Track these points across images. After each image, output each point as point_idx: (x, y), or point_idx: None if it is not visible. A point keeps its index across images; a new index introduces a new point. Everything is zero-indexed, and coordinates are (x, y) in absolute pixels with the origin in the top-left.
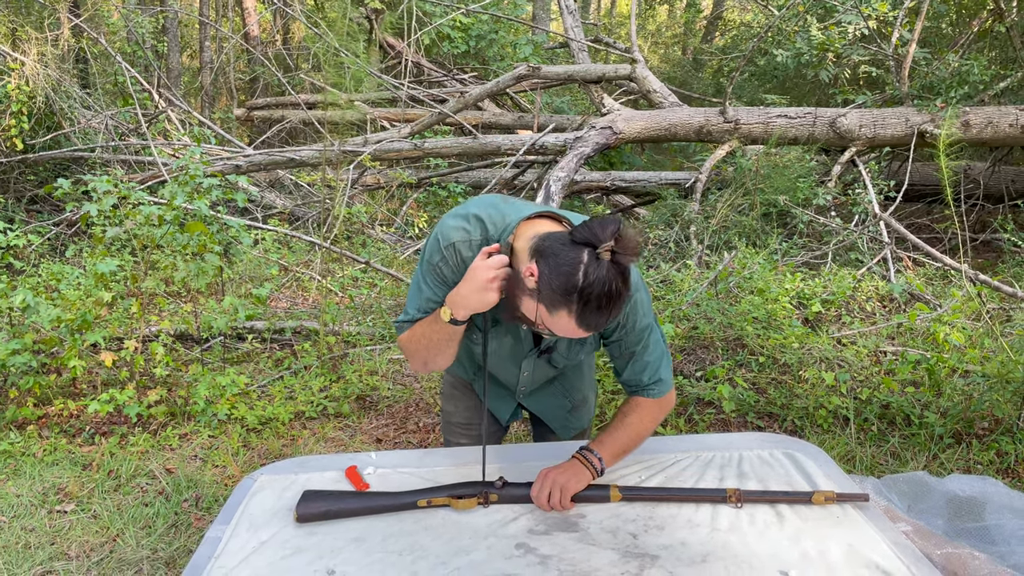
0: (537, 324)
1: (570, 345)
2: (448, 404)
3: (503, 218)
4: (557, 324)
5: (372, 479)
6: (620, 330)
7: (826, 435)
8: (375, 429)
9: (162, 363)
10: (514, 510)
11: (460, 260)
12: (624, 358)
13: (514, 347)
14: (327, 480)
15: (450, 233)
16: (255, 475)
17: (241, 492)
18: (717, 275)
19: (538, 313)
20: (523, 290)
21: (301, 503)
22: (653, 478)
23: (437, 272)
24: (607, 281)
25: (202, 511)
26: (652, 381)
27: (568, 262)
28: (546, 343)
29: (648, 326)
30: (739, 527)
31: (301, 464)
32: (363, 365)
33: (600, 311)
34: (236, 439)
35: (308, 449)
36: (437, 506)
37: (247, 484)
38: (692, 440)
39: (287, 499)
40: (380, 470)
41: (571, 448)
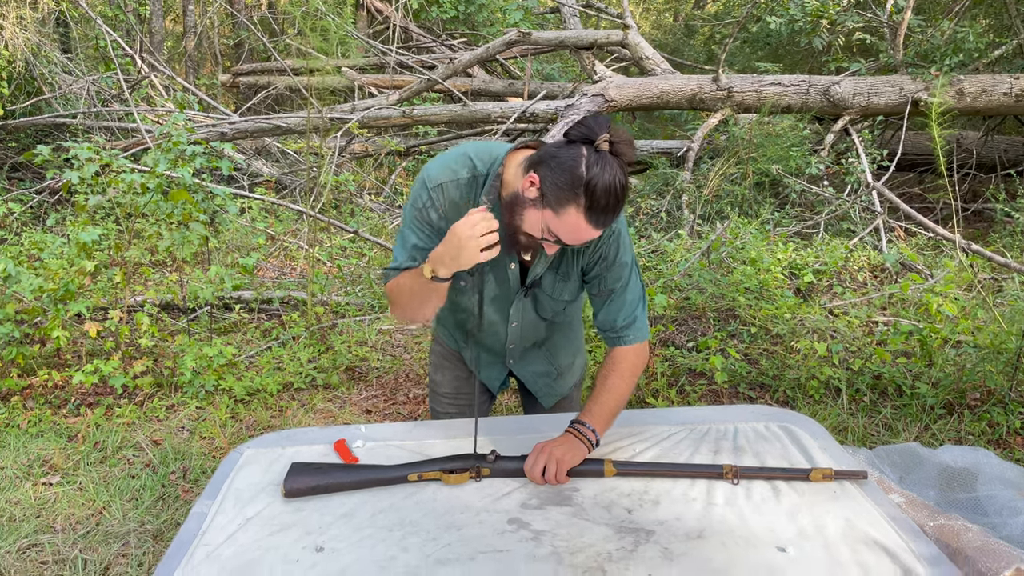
0: (543, 236)
1: (555, 281)
2: (436, 374)
3: (490, 152)
4: (566, 225)
5: (361, 452)
6: (602, 262)
7: (818, 406)
8: (364, 400)
9: (147, 334)
10: (507, 484)
11: (447, 202)
12: (602, 296)
13: (501, 292)
14: (315, 454)
15: (436, 174)
16: (241, 449)
17: (227, 466)
18: (710, 245)
19: (544, 222)
20: (524, 206)
21: (289, 477)
22: (647, 452)
23: (424, 216)
24: (611, 170)
25: (189, 483)
26: (627, 322)
27: (570, 158)
28: (532, 277)
29: (629, 264)
30: (735, 502)
31: (288, 437)
32: (352, 336)
33: (607, 203)
34: (224, 411)
35: (296, 421)
36: (428, 480)
37: (233, 458)
38: (687, 413)
39: (274, 473)
40: (369, 443)
41: (563, 420)
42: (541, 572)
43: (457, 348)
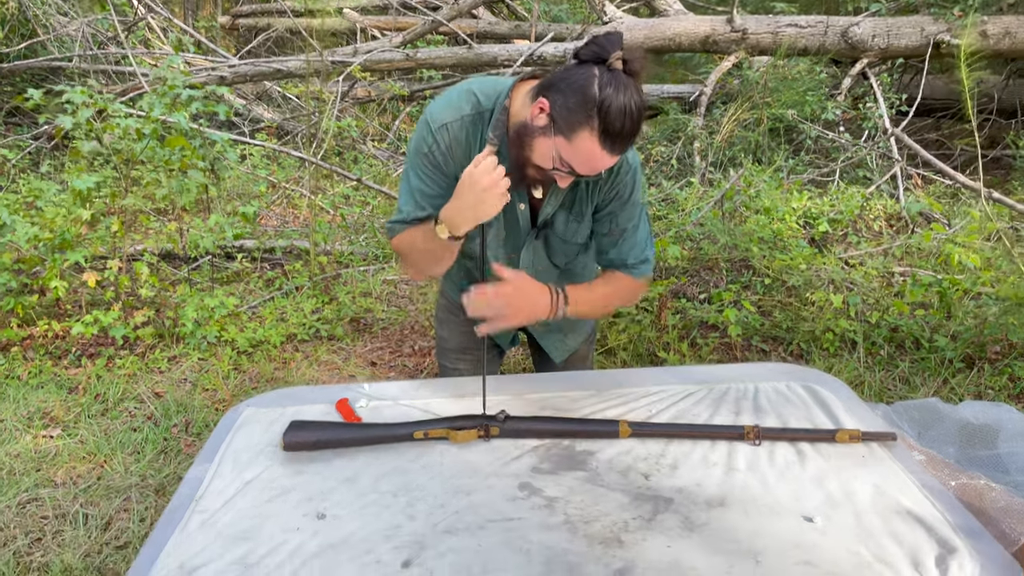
0: (555, 167)
1: (567, 221)
2: (443, 329)
3: (494, 86)
4: (579, 152)
5: (365, 412)
6: (617, 200)
7: (833, 359)
8: (369, 352)
9: (147, 284)
10: (517, 446)
11: (453, 142)
12: (613, 236)
13: (511, 235)
14: (317, 413)
15: (439, 114)
16: (239, 408)
17: (225, 427)
18: (724, 194)
19: (556, 151)
20: (533, 135)
21: (289, 431)
22: (664, 412)
23: (429, 159)
24: (625, 90)
25: (192, 436)
26: (639, 261)
27: (581, 79)
28: (543, 217)
29: (642, 204)
30: (758, 466)
31: (289, 396)
32: (356, 286)
33: (622, 126)
34: (226, 362)
35: (300, 374)
36: (435, 438)
37: (231, 418)
38: (704, 371)
39: (273, 434)
40: (373, 402)
41: (575, 379)
42: (554, 543)
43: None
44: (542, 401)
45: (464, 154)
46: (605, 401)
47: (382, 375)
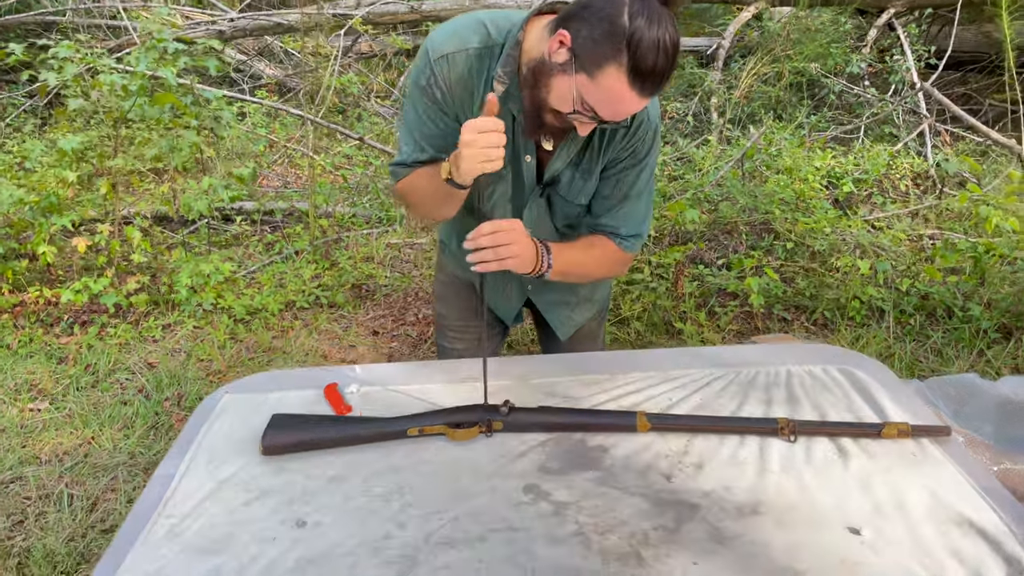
0: (575, 110)
1: (573, 179)
2: (441, 305)
3: (507, 18)
4: (604, 92)
5: (356, 399)
6: (630, 159)
7: (860, 329)
8: (371, 320)
9: (139, 248)
10: (522, 441)
11: (453, 77)
12: (613, 199)
13: (514, 191)
14: (303, 400)
15: (441, 43)
16: (218, 394)
17: (201, 416)
18: (744, 153)
19: (577, 91)
20: (551, 73)
21: (268, 431)
22: (686, 401)
23: (427, 94)
24: (659, 21)
25: (184, 411)
26: (631, 234)
27: (608, 7)
28: (551, 173)
29: (653, 169)
30: (794, 467)
31: (274, 380)
32: (358, 251)
33: (655, 63)
34: (222, 331)
35: (299, 343)
36: (431, 435)
37: (209, 405)
38: (730, 352)
39: (254, 425)
40: (364, 388)
41: (584, 361)
42: (564, 559)
43: (467, 276)
44: (549, 387)
45: (466, 93)
46: (620, 387)
47: (384, 345)
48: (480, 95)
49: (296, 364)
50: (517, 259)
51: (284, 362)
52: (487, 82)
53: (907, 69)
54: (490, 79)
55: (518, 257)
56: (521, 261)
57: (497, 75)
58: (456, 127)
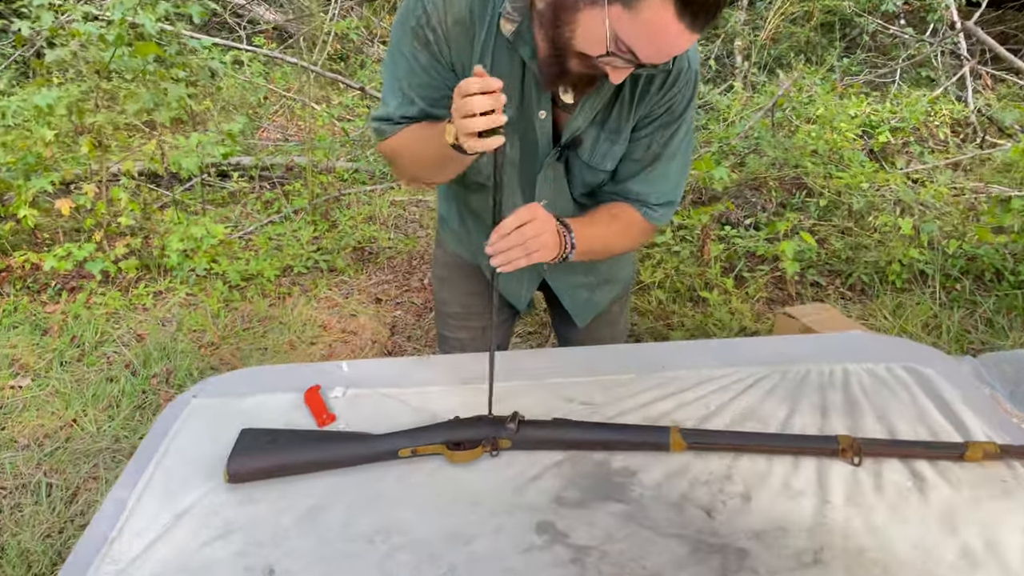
0: (609, 51)
1: (598, 141)
2: (442, 289)
3: None
4: (645, 23)
5: (340, 405)
6: (667, 116)
7: (901, 295)
8: (374, 286)
9: (127, 210)
10: (534, 463)
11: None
12: (643, 163)
13: (525, 154)
14: (281, 406)
15: None
16: (186, 397)
17: (163, 425)
18: (775, 102)
19: (611, 28)
20: (576, 7)
21: (236, 453)
22: (726, 409)
23: (418, 37)
24: None
25: (172, 388)
26: (663, 202)
27: None
28: (570, 133)
29: (691, 126)
30: (861, 499)
31: (249, 380)
32: (359, 210)
33: None
34: (216, 298)
35: (297, 312)
36: (426, 454)
37: (173, 412)
38: (775, 346)
39: (223, 439)
40: (352, 391)
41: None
42: None
43: (472, 257)
44: (565, 389)
45: (465, 37)
46: (648, 390)
47: (387, 313)
48: (483, 39)
49: (293, 335)
50: (546, 248)
51: (280, 333)
52: (492, 22)
53: (946, 7)
54: (495, 18)
55: (547, 246)
56: (548, 248)
57: (505, 11)
58: (452, 78)
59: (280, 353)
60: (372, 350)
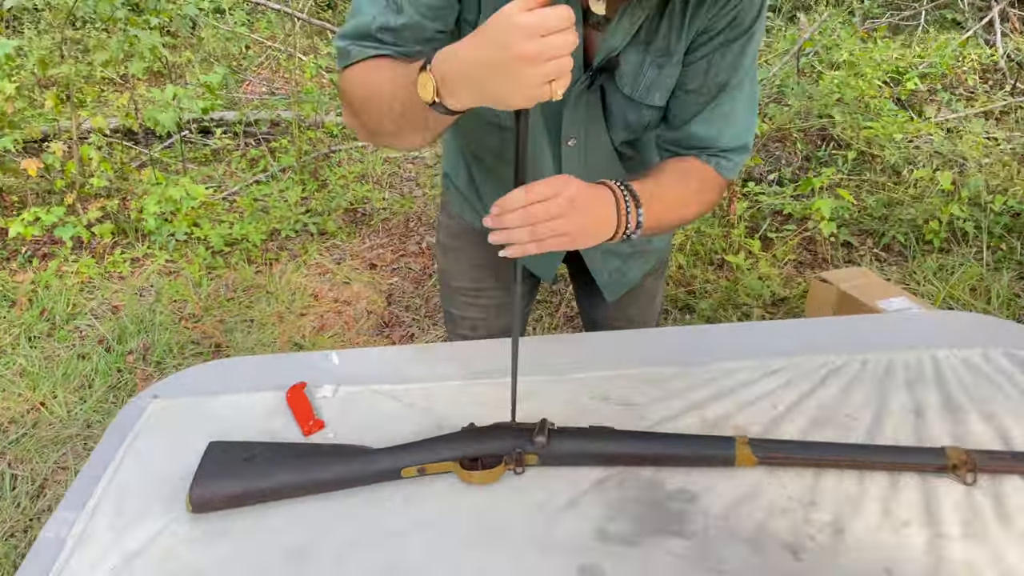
0: None
1: (643, 65)
2: (448, 260)
3: None
4: None
5: (330, 408)
6: (730, 31)
7: (942, 256)
8: (368, 251)
9: (99, 171)
10: (570, 483)
11: None
12: (706, 93)
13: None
14: (259, 408)
15: None
16: (145, 398)
17: (117, 434)
18: (800, 46)
19: None
20: None
21: (200, 476)
22: (798, 410)
23: None
24: None
25: (150, 367)
26: (736, 145)
27: None
28: (605, 53)
29: (759, 46)
30: (983, 528)
31: (222, 374)
32: (350, 168)
33: None
34: (198, 265)
35: (285, 280)
36: (435, 474)
37: (129, 417)
38: (842, 327)
39: (189, 454)
40: (344, 390)
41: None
42: None
43: (477, 221)
44: (597, 385)
45: None
46: (699, 387)
47: (383, 281)
48: None
49: (282, 306)
50: (572, 235)
51: (268, 303)
52: None
53: None
54: None
55: (573, 232)
56: (582, 234)
57: None
58: None
59: (268, 326)
60: (367, 321)
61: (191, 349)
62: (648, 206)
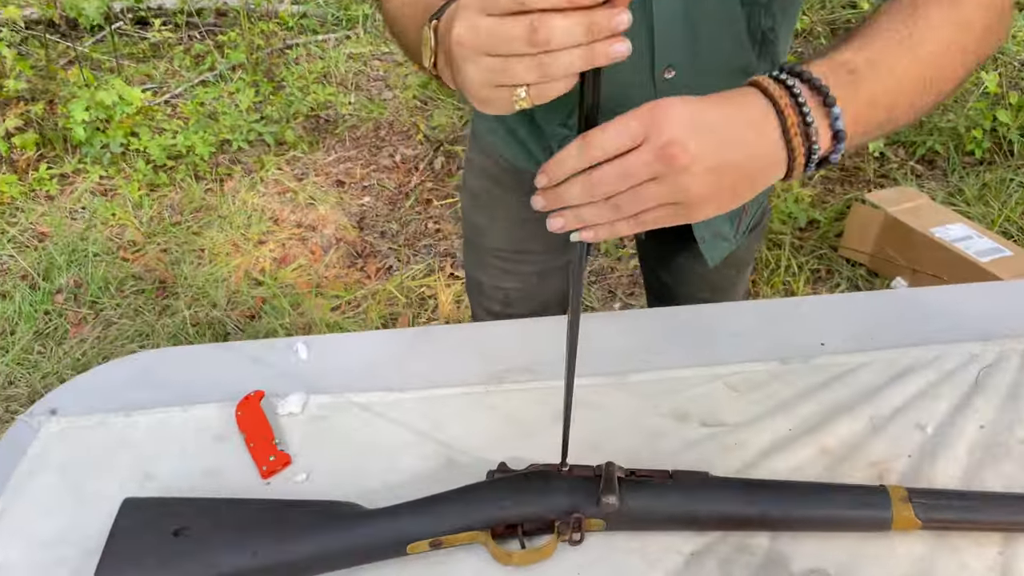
0: None
1: None
2: (478, 213)
3: None
4: None
5: (297, 432)
6: None
7: (985, 171)
8: (334, 165)
9: (14, 71)
10: (649, 559)
11: None
12: None
13: None
14: (196, 431)
15: None
16: (38, 412)
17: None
18: None
19: None
20: None
21: (105, 567)
22: (954, 433)
23: None
24: None
25: (83, 307)
26: None
27: None
28: None
29: None
30: None
31: (146, 374)
32: (310, 66)
33: None
34: (138, 183)
35: (240, 199)
36: (453, 547)
37: (14, 445)
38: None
39: (98, 508)
40: (316, 400)
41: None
42: None
43: (529, 162)
44: (669, 395)
45: None
46: (807, 395)
47: (353, 201)
48: None
49: (236, 233)
50: (687, 201)
51: (220, 229)
52: None
53: None
54: None
55: (689, 195)
56: (709, 193)
57: None
58: None
59: (220, 256)
60: (337, 252)
61: (131, 286)
62: (852, 91)
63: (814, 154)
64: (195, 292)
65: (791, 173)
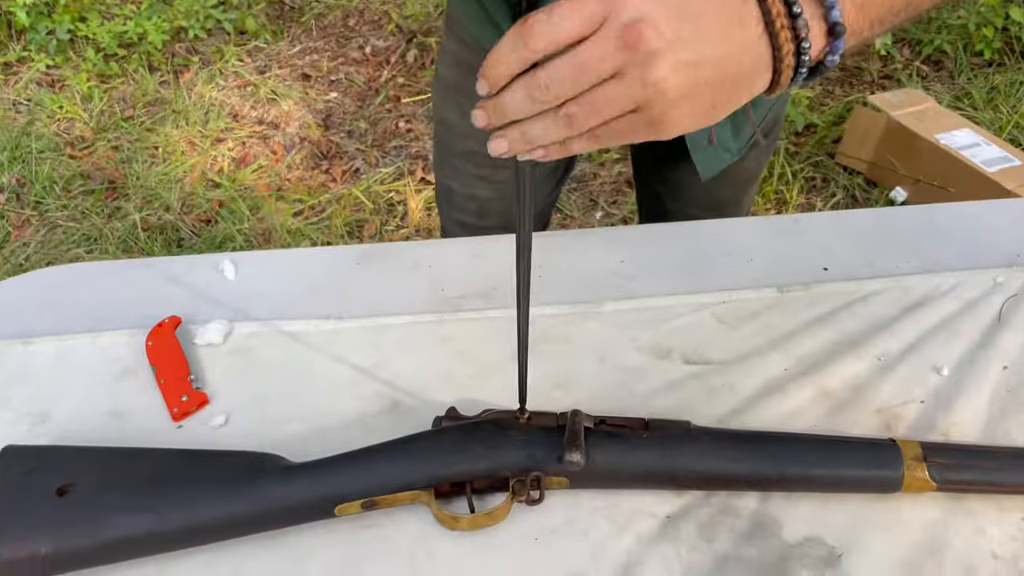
0: None
1: None
2: (449, 108)
3: None
4: None
5: (217, 366)
6: None
7: (994, 74)
8: (299, 56)
9: None
10: (620, 526)
11: None
12: None
13: None
14: (103, 362)
15: None
16: None
17: None
18: None
19: None
20: None
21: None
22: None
23: None
24: None
25: (27, 208)
26: None
27: None
28: None
29: None
30: None
31: (58, 291)
32: None
33: None
34: (87, 74)
35: (196, 94)
36: (390, 508)
37: None
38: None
39: None
40: (241, 328)
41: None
42: None
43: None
44: (649, 326)
45: None
46: (809, 328)
47: (319, 97)
48: None
49: (193, 129)
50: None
51: (175, 125)
52: None
53: None
54: None
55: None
56: (683, 103)
57: None
58: None
59: (175, 155)
60: (300, 152)
61: (79, 185)
62: None
63: (804, 53)
64: (147, 194)
65: (778, 79)
